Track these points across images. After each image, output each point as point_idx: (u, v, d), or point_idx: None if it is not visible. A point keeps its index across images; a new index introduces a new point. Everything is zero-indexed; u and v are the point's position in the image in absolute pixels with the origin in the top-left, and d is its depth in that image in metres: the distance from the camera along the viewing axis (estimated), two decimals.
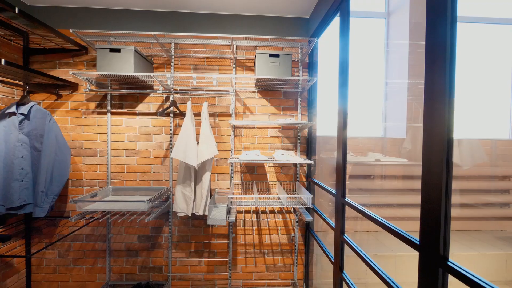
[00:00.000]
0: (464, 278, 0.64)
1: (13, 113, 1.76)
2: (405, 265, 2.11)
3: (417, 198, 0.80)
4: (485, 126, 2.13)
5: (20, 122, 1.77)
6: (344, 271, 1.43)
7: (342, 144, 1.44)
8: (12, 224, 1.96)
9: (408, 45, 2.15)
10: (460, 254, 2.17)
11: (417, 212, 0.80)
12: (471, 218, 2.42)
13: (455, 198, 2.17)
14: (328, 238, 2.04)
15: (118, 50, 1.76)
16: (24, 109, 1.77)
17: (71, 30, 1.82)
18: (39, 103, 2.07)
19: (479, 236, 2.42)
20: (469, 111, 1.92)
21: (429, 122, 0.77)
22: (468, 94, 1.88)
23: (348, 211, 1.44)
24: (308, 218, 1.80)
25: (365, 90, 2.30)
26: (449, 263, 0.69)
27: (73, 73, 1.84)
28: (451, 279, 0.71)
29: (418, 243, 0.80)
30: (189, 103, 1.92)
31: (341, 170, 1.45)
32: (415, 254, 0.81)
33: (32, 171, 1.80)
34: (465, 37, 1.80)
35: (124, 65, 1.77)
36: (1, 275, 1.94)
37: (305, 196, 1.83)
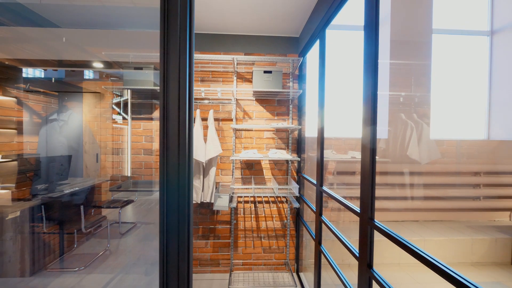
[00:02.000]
0: (381, 230, 1.02)
1: (55, 119, 2.16)
2: (381, 248, 2.47)
3: (381, 191, 1.16)
4: (457, 128, 2.48)
5: (61, 126, 2.17)
6: (322, 245, 1.82)
7: (320, 144, 1.82)
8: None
9: (389, 55, 2.50)
10: (431, 239, 2.51)
11: (381, 203, 1.14)
12: (446, 210, 2.77)
13: (419, 191, 2.54)
14: (314, 226, 2.42)
15: (141, 68, 2.16)
16: (64, 116, 2.17)
17: (104, 53, 2.22)
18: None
19: (453, 225, 2.76)
20: (443, 115, 2.28)
21: (365, 122, 1.14)
22: (443, 100, 2.23)
23: (326, 199, 1.82)
24: (296, 205, 2.19)
25: (354, 97, 2.65)
26: (374, 222, 1.07)
27: (105, 87, 2.24)
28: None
29: (359, 211, 1.18)
30: (198, 111, 2.31)
31: (320, 164, 1.83)
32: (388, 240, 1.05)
33: (70, 168, 2.20)
34: (442, 47, 2.14)
35: (146, 80, 2.17)
36: None
37: (294, 187, 2.21)
